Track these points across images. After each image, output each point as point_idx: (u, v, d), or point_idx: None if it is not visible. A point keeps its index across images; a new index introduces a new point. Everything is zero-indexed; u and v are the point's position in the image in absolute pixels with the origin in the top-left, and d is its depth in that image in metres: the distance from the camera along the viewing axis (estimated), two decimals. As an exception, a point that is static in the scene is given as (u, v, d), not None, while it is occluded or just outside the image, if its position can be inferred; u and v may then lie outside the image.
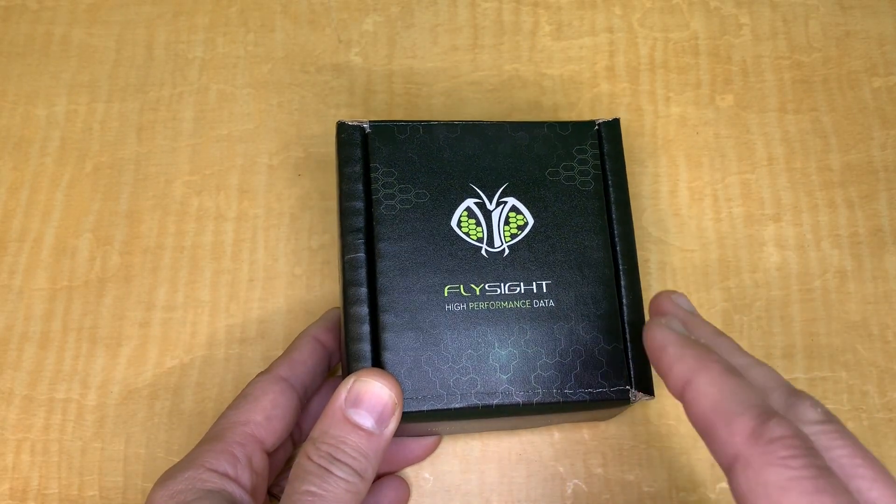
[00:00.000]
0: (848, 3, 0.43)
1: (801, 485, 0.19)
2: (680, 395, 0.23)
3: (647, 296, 0.37)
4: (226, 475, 0.27)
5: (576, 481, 0.34)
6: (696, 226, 0.38)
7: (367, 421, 0.26)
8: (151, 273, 0.37)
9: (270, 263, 0.37)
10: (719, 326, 0.36)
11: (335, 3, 0.43)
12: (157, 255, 0.38)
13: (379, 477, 0.33)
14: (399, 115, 0.40)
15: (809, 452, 0.20)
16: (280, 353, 0.36)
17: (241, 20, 0.42)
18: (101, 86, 0.41)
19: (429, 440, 0.34)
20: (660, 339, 0.24)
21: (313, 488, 0.25)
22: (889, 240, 0.38)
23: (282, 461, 0.32)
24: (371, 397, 0.27)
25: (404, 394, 0.28)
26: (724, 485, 0.34)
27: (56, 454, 0.35)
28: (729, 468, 0.21)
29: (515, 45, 0.42)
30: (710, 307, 0.37)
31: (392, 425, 0.27)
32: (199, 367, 0.36)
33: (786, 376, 0.36)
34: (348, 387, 0.27)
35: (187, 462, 0.27)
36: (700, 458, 0.35)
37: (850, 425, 0.35)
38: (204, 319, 0.37)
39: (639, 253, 0.37)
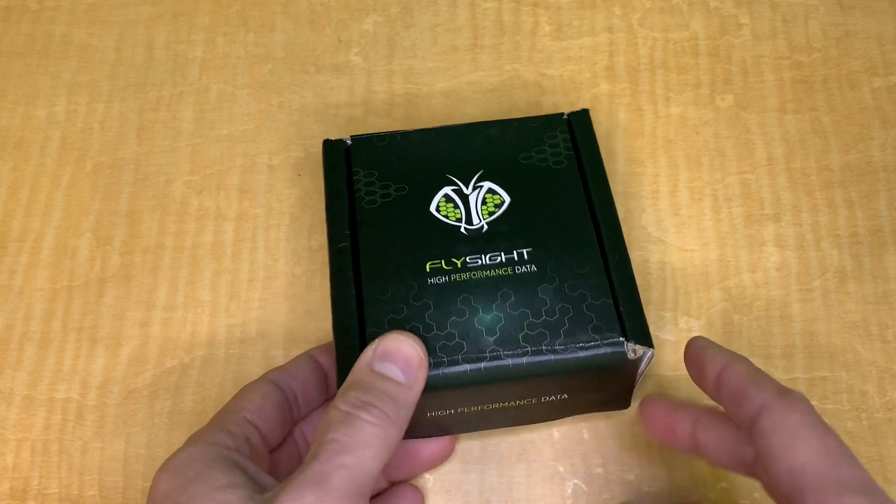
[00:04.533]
0: (848, 3, 0.43)
1: (815, 425, 0.24)
2: (716, 376, 0.27)
3: (646, 296, 0.37)
4: (227, 446, 0.27)
5: (576, 481, 0.34)
6: (696, 226, 0.38)
7: (394, 372, 0.27)
8: (151, 273, 0.37)
9: (270, 263, 0.38)
10: (719, 327, 0.36)
11: (335, 3, 0.43)
12: (157, 255, 0.38)
13: (391, 485, 0.33)
14: (399, 114, 0.40)
15: (816, 410, 0.25)
16: (280, 353, 0.36)
17: (241, 20, 0.42)
18: (101, 86, 0.41)
19: (436, 445, 0.33)
20: (700, 343, 0.29)
21: (337, 436, 0.25)
22: (889, 240, 0.38)
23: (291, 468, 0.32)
24: (398, 351, 0.27)
25: None
26: (725, 484, 0.34)
27: (56, 454, 0.35)
28: (755, 417, 0.25)
29: (515, 45, 0.42)
30: (710, 307, 0.37)
31: (420, 380, 0.27)
32: (199, 367, 0.36)
33: (786, 376, 0.36)
34: (374, 346, 0.28)
35: (185, 444, 0.27)
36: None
37: (849, 425, 0.35)
38: (204, 319, 0.37)
39: (638, 253, 0.37)
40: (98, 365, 0.36)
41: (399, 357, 0.27)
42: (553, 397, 0.31)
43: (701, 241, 0.38)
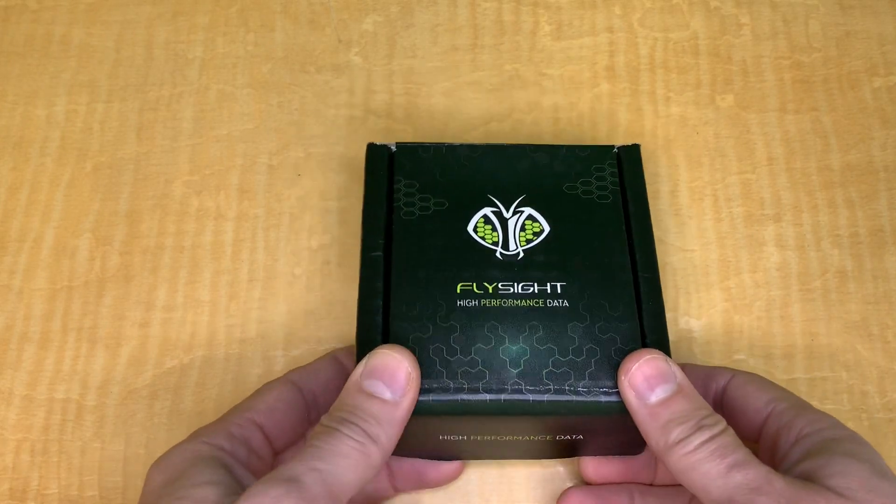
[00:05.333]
0: (848, 3, 0.43)
1: (771, 383, 0.31)
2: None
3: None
4: (220, 448, 0.27)
5: (576, 481, 0.34)
6: (696, 226, 0.38)
7: (382, 390, 0.27)
8: (151, 273, 0.37)
9: (270, 263, 0.38)
10: (719, 327, 0.36)
11: (335, 3, 0.43)
12: (157, 255, 0.38)
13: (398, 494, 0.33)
14: (399, 114, 0.40)
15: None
16: (280, 353, 0.36)
17: (241, 20, 0.42)
18: (101, 86, 0.41)
19: (446, 467, 0.33)
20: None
21: (317, 442, 0.25)
22: (889, 240, 0.38)
23: None
24: (386, 368, 0.27)
25: None
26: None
27: (56, 454, 0.35)
28: (726, 385, 0.32)
29: (515, 45, 0.42)
30: (711, 307, 0.37)
31: (410, 395, 0.27)
32: (199, 367, 0.36)
33: (786, 376, 0.36)
34: (364, 362, 0.27)
35: (183, 440, 0.28)
36: (700, 458, 0.35)
37: (850, 425, 0.35)
38: (204, 319, 0.37)
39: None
40: (98, 365, 0.36)
41: (388, 374, 0.27)
42: (568, 437, 0.30)
43: (701, 241, 0.38)
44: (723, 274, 0.37)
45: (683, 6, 0.42)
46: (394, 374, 0.27)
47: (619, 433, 0.30)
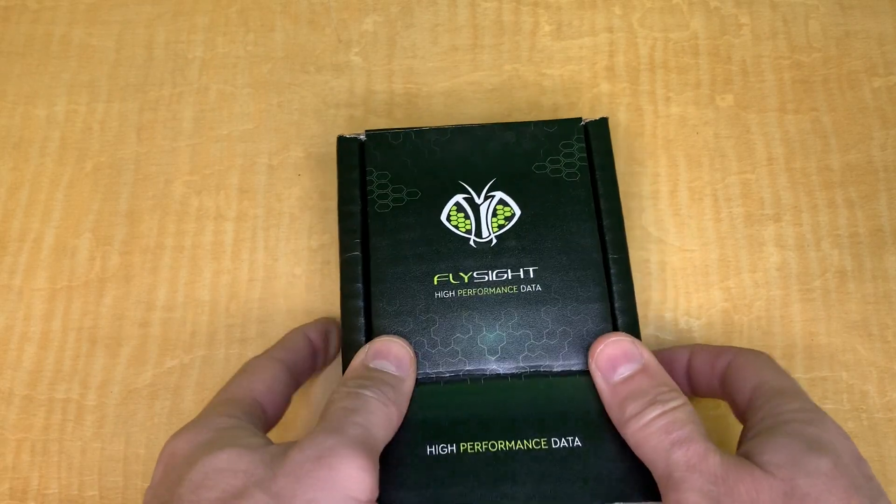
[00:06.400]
0: (848, 3, 0.43)
1: (771, 362, 0.31)
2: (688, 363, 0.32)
3: (646, 296, 0.37)
4: (241, 419, 0.28)
5: None
6: (696, 226, 0.38)
7: (387, 366, 0.29)
8: (151, 273, 0.37)
9: (270, 263, 0.38)
10: (719, 327, 0.36)
11: (335, 3, 0.43)
12: (156, 255, 0.38)
13: None
14: (399, 114, 0.40)
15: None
16: (280, 353, 0.36)
17: (241, 20, 0.42)
18: (101, 86, 0.41)
19: None
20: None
21: (345, 404, 0.27)
22: (889, 240, 0.38)
23: None
24: (388, 351, 0.29)
25: None
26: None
27: (56, 454, 0.35)
28: (729, 362, 0.31)
29: (515, 45, 0.42)
30: (710, 307, 0.37)
31: (412, 375, 0.29)
32: (199, 367, 0.36)
33: (786, 376, 0.36)
34: (366, 349, 0.29)
35: (199, 417, 0.28)
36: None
37: (850, 425, 0.35)
38: (204, 319, 0.37)
39: (638, 253, 0.37)
40: (98, 365, 0.36)
41: (391, 355, 0.29)
42: (564, 442, 0.29)
43: (701, 241, 0.38)
44: (723, 274, 0.37)
45: (683, 6, 0.42)
46: (396, 355, 0.29)
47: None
